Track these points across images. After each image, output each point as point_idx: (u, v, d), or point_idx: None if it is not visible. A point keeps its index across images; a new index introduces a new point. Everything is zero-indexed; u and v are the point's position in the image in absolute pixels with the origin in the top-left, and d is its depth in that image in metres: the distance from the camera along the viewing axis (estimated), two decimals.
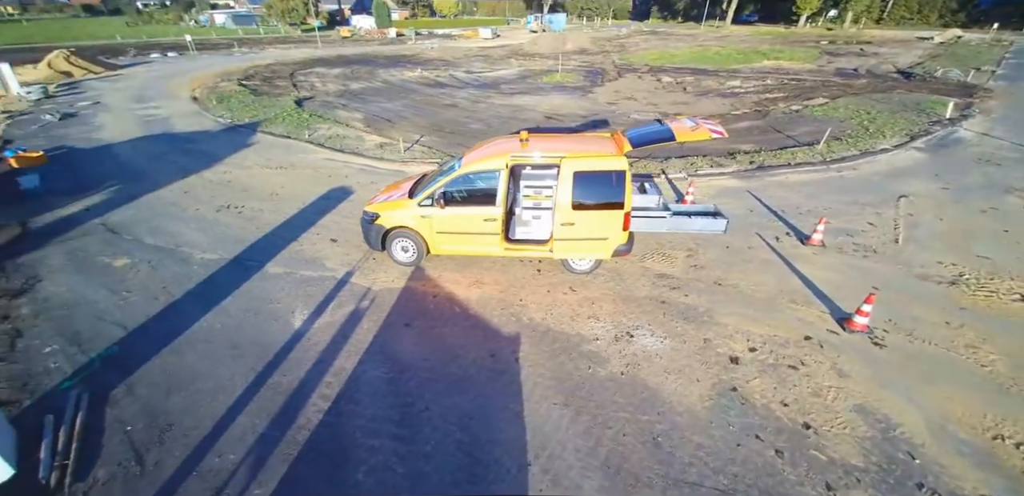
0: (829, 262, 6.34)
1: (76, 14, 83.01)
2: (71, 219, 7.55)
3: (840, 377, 4.35)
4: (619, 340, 4.88)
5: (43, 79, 21.18)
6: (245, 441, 3.61)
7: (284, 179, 9.53)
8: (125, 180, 9.31)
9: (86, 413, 3.76)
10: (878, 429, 3.82)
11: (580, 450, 3.61)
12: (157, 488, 3.22)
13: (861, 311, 4.81)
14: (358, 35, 54.21)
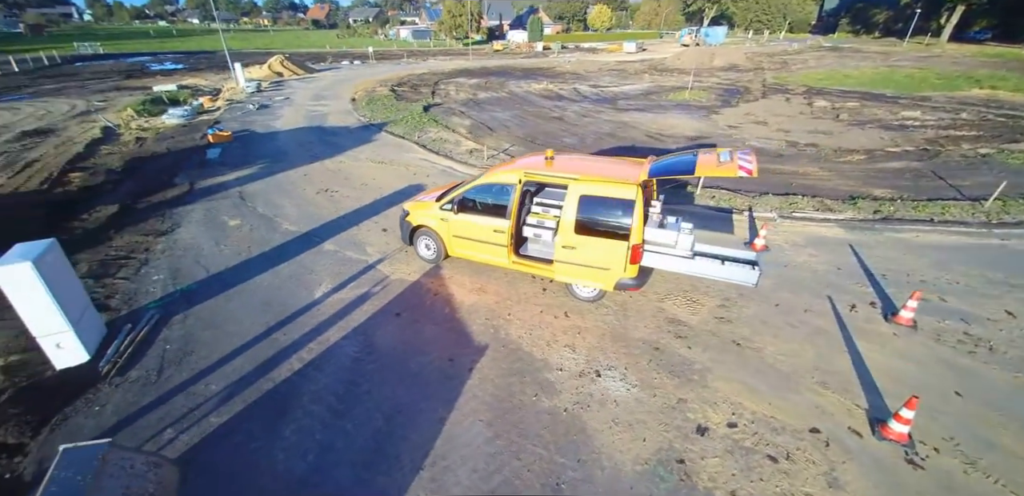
0: (910, 349, 4.94)
1: (307, 27, 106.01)
2: (223, 185, 9.92)
3: (829, 488, 3.44)
4: (583, 376, 4.60)
5: (262, 77, 27.75)
6: (229, 378, 4.45)
7: (379, 173, 10.99)
8: (272, 160, 11.80)
9: (149, 330, 5.06)
10: None
11: (477, 471, 3.58)
12: (157, 395, 4.21)
13: (900, 416, 3.70)
14: (509, 49, 58.37)
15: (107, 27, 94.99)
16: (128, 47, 50.69)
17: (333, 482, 3.45)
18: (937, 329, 5.23)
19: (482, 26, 68.13)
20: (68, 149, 12.58)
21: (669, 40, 69.38)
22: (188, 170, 10.87)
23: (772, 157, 12.32)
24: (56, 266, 4.25)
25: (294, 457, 3.65)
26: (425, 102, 20.57)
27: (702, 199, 9.27)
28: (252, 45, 55.64)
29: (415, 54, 51.21)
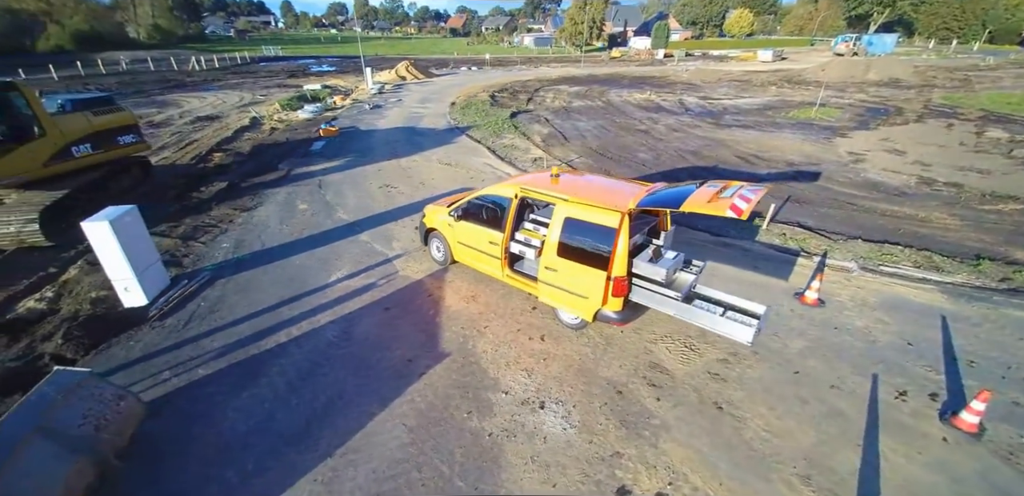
0: (957, 462, 3.77)
1: (445, 35, 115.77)
2: (311, 173, 11.50)
3: None
4: (525, 404, 4.41)
5: (388, 80, 31.22)
6: (229, 339, 5.22)
7: (441, 174, 11.69)
8: (359, 155, 13.30)
9: (198, 287, 6.17)
10: None
11: (375, 472, 3.70)
12: (175, 342, 5.13)
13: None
14: (627, 56, 56.82)
15: (292, 33, 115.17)
16: (300, 51, 60.91)
17: (255, 447, 3.87)
18: (1013, 445, 3.88)
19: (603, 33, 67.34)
20: (221, 133, 15.71)
21: (822, 48, 60.96)
22: (293, 158, 12.81)
23: (889, 195, 10.20)
24: (131, 226, 5.45)
25: (240, 418, 4.17)
26: (516, 108, 21.18)
27: (767, 236, 8.09)
28: (395, 51, 62.78)
29: (531, 61, 52.78)
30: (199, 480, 3.56)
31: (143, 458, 3.69)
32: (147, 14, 60.04)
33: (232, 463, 3.72)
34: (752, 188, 4.45)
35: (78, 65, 34.27)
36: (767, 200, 9.43)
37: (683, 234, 8.29)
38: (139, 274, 5.52)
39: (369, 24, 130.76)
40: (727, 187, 4.58)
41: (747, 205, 4.04)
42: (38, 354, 4.74)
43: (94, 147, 8.71)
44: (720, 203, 4.15)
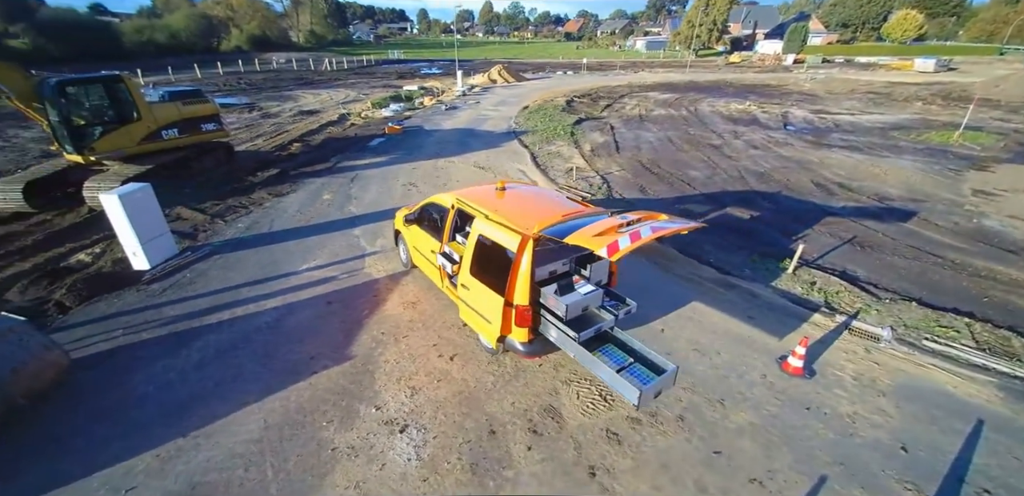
0: None
1: (559, 39, 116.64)
2: (353, 167, 12.43)
3: None
4: (389, 424, 4.21)
5: (479, 83, 32.45)
6: (186, 310, 5.86)
7: (470, 176, 11.79)
8: (406, 152, 14.04)
9: (195, 260, 7.05)
10: None
11: (209, 461, 3.81)
12: (146, 305, 5.92)
13: None
14: (749, 62, 51.44)
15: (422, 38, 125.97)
16: (419, 54, 66.38)
17: (138, 412, 4.29)
18: None
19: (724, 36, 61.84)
20: (308, 126, 17.79)
21: (1015, 59, 48.66)
22: (348, 152, 14.00)
23: (999, 250, 7.78)
24: (142, 201, 6.42)
25: (145, 383, 4.65)
26: (586, 115, 20.51)
27: (789, 282, 6.71)
28: (504, 54, 65.18)
29: (634, 65, 50.68)
30: (73, 430, 4.05)
31: (50, 402, 4.33)
32: (306, 21, 70.60)
33: (109, 423, 4.16)
34: (668, 224, 3.69)
35: (239, 63, 41.59)
36: (794, 237, 7.81)
37: (683, 267, 7.25)
38: (145, 242, 6.50)
39: (490, 29, 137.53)
40: (642, 220, 3.88)
41: (629, 244, 3.37)
42: (48, 299, 5.85)
43: (180, 131, 10.47)
44: (606, 238, 3.52)
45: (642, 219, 4.10)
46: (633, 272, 7.10)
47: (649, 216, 4.22)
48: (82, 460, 3.77)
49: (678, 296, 6.46)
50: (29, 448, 3.87)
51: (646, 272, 7.17)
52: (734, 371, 5.01)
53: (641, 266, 7.34)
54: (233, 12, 54.58)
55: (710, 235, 8.44)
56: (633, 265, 7.33)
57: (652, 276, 7.06)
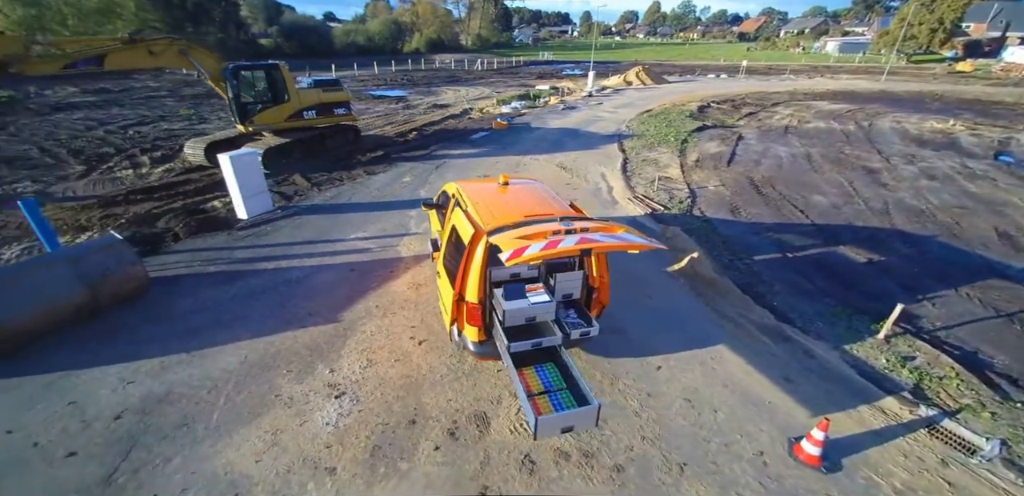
0: None
1: (731, 41, 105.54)
2: (446, 155, 13.28)
3: None
4: (330, 387, 4.48)
5: (613, 85, 31.48)
6: (250, 254, 7.06)
7: (546, 174, 11.61)
8: (499, 147, 14.44)
9: (281, 217, 8.43)
10: None
11: (188, 379, 4.56)
12: (227, 246, 7.30)
13: None
14: (985, 71, 39.32)
15: (582, 41, 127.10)
16: (569, 55, 67.18)
17: (173, 326, 5.34)
18: None
19: (954, 38, 48.27)
20: (431, 117, 19.61)
21: None
22: (450, 142, 15.01)
23: None
24: (249, 164, 7.91)
25: (191, 305, 5.76)
26: (712, 122, 18.31)
27: (875, 350, 5.09)
28: (656, 56, 62.03)
29: (813, 69, 43.09)
30: (125, 329, 5.25)
31: (125, 305, 5.68)
32: (475, 25, 77.51)
33: (149, 330, 5.29)
34: (611, 238, 3.08)
35: (409, 62, 47.75)
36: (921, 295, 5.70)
37: (731, 303, 6.06)
38: (247, 197, 8.03)
39: (653, 30, 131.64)
40: (589, 230, 3.30)
41: (538, 251, 2.92)
42: (172, 230, 7.67)
43: (317, 113, 12.56)
44: (523, 241, 3.11)
45: (591, 229, 3.53)
46: (665, 295, 6.20)
47: (604, 228, 3.61)
48: (115, 352, 4.88)
49: (704, 335, 5.42)
50: (90, 334, 5.17)
51: (680, 298, 6.18)
52: (723, 436, 4.02)
53: (678, 291, 6.35)
54: (417, 18, 63.01)
55: (788, 272, 6.85)
56: (669, 288, 6.39)
57: (685, 304, 6.05)
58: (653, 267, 7.06)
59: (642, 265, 7.10)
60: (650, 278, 6.77)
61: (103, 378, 4.53)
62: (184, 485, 3.50)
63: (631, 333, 5.48)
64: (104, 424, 4.01)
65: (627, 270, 6.89)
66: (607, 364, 4.98)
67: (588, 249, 3.32)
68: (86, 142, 13.72)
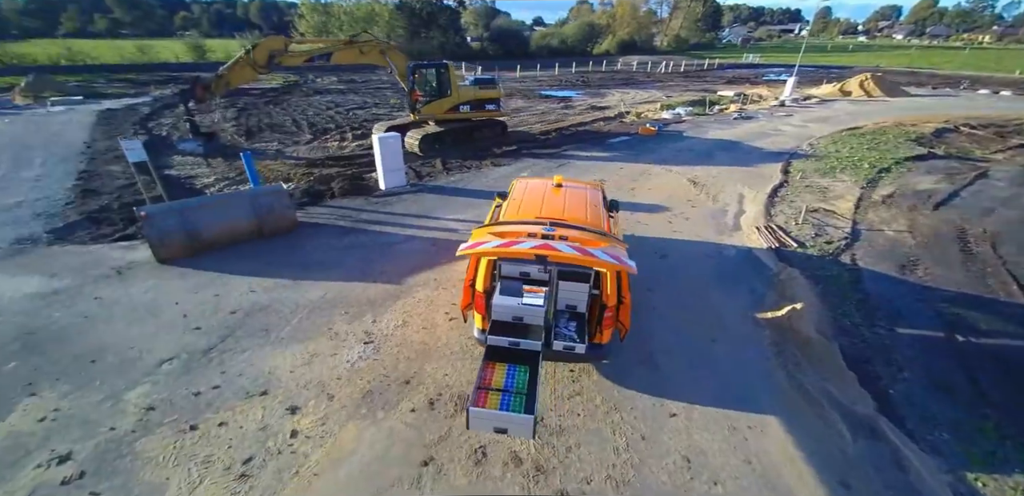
0: None
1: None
2: (574, 156, 13.33)
3: None
4: (366, 334, 5.31)
5: (823, 94, 26.20)
6: (371, 217, 8.59)
7: (671, 187, 10.74)
8: (635, 153, 13.75)
9: (409, 192, 9.94)
10: None
11: (291, 312, 6.00)
12: (358, 208, 8.99)
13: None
14: None
15: (798, 41, 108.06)
16: (782, 59, 57.95)
17: (292, 257, 6.98)
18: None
19: None
20: (582, 118, 19.73)
21: None
22: (584, 143, 14.94)
23: None
24: (391, 145, 9.52)
25: (314, 246, 7.40)
26: (945, 151, 13.78)
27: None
28: (920, 62, 48.92)
29: None
30: (279, 252, 7.07)
31: (276, 236, 7.61)
32: (675, 25, 73.37)
33: (283, 256, 7.02)
34: (570, 249, 2.85)
35: (589, 64, 48.32)
36: None
37: (817, 374, 4.87)
38: (386, 172, 9.74)
39: (918, 30, 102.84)
40: (577, 240, 3.13)
41: (491, 247, 2.99)
42: (330, 188, 9.81)
43: (472, 108, 14.09)
44: (486, 239, 3.13)
45: (571, 238, 3.30)
46: (734, 342, 5.36)
47: (590, 241, 3.33)
48: (254, 268, 6.66)
49: (754, 397, 4.55)
50: (247, 252, 7.11)
51: (751, 350, 5.24)
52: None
53: (754, 342, 5.36)
54: (613, 20, 63.00)
55: (940, 359, 5.07)
56: (744, 335, 5.47)
57: (752, 357, 5.12)
58: (739, 307, 6.04)
59: (725, 301, 6.16)
60: (727, 318, 5.82)
61: (239, 284, 6.30)
62: (240, 371, 4.72)
63: (664, 370, 4.91)
64: (223, 315, 5.63)
65: (702, 303, 6.08)
66: (616, 392, 4.60)
67: (544, 256, 3.20)
68: (321, 118, 18.26)
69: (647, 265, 7.05)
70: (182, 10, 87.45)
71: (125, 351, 4.98)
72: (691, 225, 8.69)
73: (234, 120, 17.63)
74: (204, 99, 12.37)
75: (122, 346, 5.05)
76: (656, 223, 8.72)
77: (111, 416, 4.15)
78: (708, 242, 8.06)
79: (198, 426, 4.08)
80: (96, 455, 3.77)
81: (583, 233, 3.74)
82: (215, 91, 12.15)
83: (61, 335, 5.20)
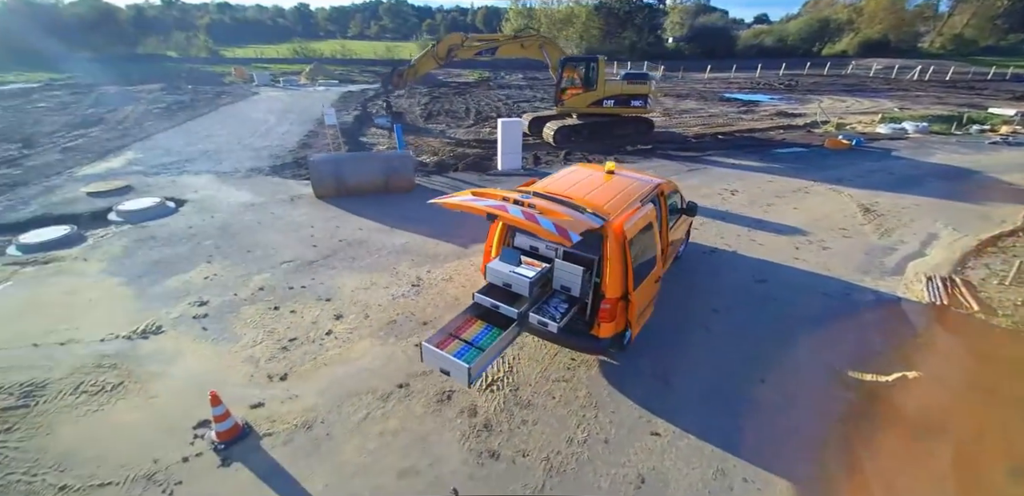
0: None
1: None
2: (715, 162, 11.93)
3: None
4: (417, 279, 6.20)
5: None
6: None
7: (821, 209, 8.87)
8: (801, 167, 11.53)
9: (521, 175, 10.65)
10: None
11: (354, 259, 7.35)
12: (463, 181, 10.07)
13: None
14: None
15: None
16: None
17: (410, 213, 8.38)
18: None
19: None
20: (756, 125, 17.21)
21: None
22: (741, 151, 13.15)
23: None
24: (513, 130, 10.26)
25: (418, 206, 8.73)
26: None
27: None
28: None
29: None
30: (388, 204, 8.63)
31: (396, 193, 9.16)
32: (959, 22, 55.70)
33: (403, 209, 8.47)
34: (532, 219, 2.97)
35: (805, 67, 40.74)
36: None
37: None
38: (504, 154, 10.60)
39: None
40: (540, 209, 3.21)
41: (452, 201, 3.29)
42: (454, 165, 11.16)
43: (615, 103, 13.88)
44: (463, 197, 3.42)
45: (537, 206, 3.29)
46: (790, 394, 4.60)
47: (554, 213, 3.26)
48: (371, 213, 8.25)
49: (775, 453, 3.82)
50: (372, 201, 8.78)
51: (809, 409, 4.30)
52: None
53: (819, 402, 4.40)
54: (859, 15, 51.21)
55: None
56: (811, 391, 4.56)
57: (801, 415, 4.20)
58: (829, 358, 4.90)
59: (814, 346, 5.10)
60: (802, 365, 4.79)
61: (355, 222, 7.96)
62: (322, 282, 6.12)
63: (676, 391, 4.41)
64: (334, 241, 7.26)
65: (778, 338, 5.19)
66: (606, 393, 4.38)
67: (494, 215, 3.37)
68: (488, 108, 20.48)
69: (728, 285, 6.19)
70: (428, 18, 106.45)
71: (268, 249, 6.96)
72: (825, 256, 7.08)
73: (424, 105, 21.16)
74: (398, 85, 15.28)
75: (269, 246, 7.07)
76: (776, 246, 7.40)
77: (239, 287, 5.96)
78: (837, 279, 6.50)
79: (279, 308, 5.54)
80: (219, 306, 5.53)
81: (558, 206, 3.71)
82: (407, 78, 14.88)
83: (241, 231, 7.55)
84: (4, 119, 16.28)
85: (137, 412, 4.02)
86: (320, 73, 29.79)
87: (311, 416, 4.02)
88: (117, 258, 6.62)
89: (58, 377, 4.31)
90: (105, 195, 8.91)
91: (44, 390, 4.15)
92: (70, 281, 5.98)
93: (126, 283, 5.98)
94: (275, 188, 9.57)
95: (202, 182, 9.89)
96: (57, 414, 3.94)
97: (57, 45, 32.33)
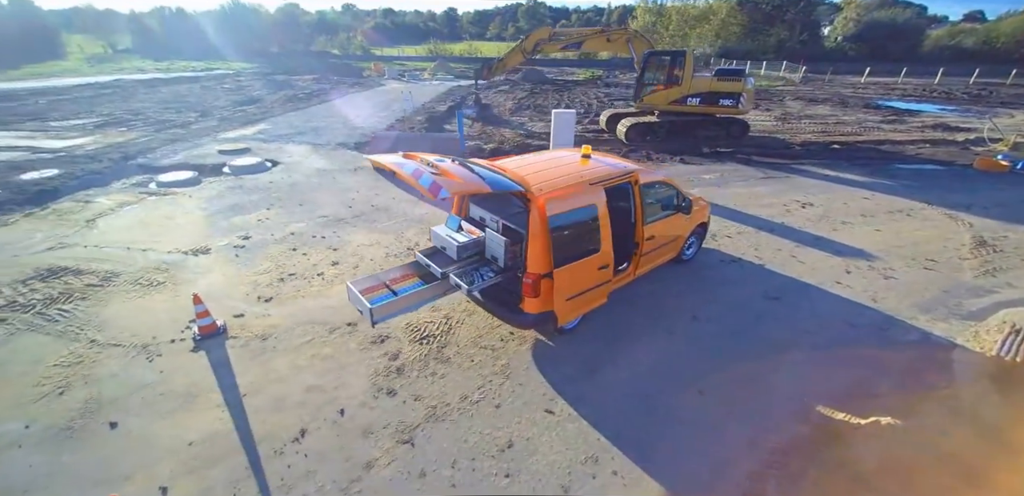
0: None
1: None
2: (803, 171, 10.31)
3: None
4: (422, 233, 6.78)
5: None
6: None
7: (915, 233, 7.26)
8: (921, 188, 9.41)
9: None
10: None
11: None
12: None
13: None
14: None
15: None
16: None
17: None
18: None
19: None
20: (894, 137, 14.25)
21: None
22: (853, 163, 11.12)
23: None
24: (566, 121, 10.21)
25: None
26: None
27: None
28: None
29: None
30: None
31: None
32: None
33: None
34: (414, 173, 3.22)
35: (1010, 75, 31.73)
36: None
37: None
38: (555, 145, 10.64)
39: None
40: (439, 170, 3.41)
41: (373, 158, 3.59)
42: (507, 153, 11.49)
43: (701, 101, 12.75)
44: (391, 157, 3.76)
45: (438, 168, 3.43)
46: (738, 419, 4.09)
47: (451, 175, 3.37)
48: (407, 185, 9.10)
49: (669, 468, 3.55)
50: None
51: (735, 432, 3.85)
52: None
53: (770, 431, 3.90)
54: None
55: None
56: (763, 415, 4.06)
57: (729, 445, 3.78)
58: (802, 385, 4.25)
59: (807, 374, 4.45)
60: (764, 390, 4.22)
61: (393, 191, 8.87)
62: (339, 235, 7.06)
63: (599, 382, 4.24)
64: (366, 205, 8.24)
65: (760, 360, 4.65)
66: (523, 367, 4.40)
67: (390, 171, 3.63)
68: (579, 104, 20.41)
69: (729, 296, 5.58)
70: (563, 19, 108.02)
71: (314, 205, 8.22)
72: (881, 286, 5.85)
73: (519, 100, 21.92)
74: (487, 77, 16.22)
75: (316, 203, 8.33)
76: (820, 266, 6.31)
77: (278, 230, 7.21)
78: (879, 311, 5.36)
79: (296, 250, 6.59)
80: (256, 242, 6.79)
81: (468, 172, 3.79)
82: (495, 71, 15.72)
83: (304, 189, 9.00)
84: (199, 95, 21.39)
85: (163, 303, 5.27)
86: (441, 69, 32.68)
87: (270, 331, 4.82)
88: (210, 198, 8.48)
89: (129, 271, 5.84)
90: (230, 153, 11.32)
91: (117, 278, 5.69)
92: (172, 209, 7.90)
93: (205, 216, 7.67)
94: (348, 159, 11.07)
95: (299, 150, 11.89)
96: (116, 294, 5.38)
97: (254, 41, 40.88)
